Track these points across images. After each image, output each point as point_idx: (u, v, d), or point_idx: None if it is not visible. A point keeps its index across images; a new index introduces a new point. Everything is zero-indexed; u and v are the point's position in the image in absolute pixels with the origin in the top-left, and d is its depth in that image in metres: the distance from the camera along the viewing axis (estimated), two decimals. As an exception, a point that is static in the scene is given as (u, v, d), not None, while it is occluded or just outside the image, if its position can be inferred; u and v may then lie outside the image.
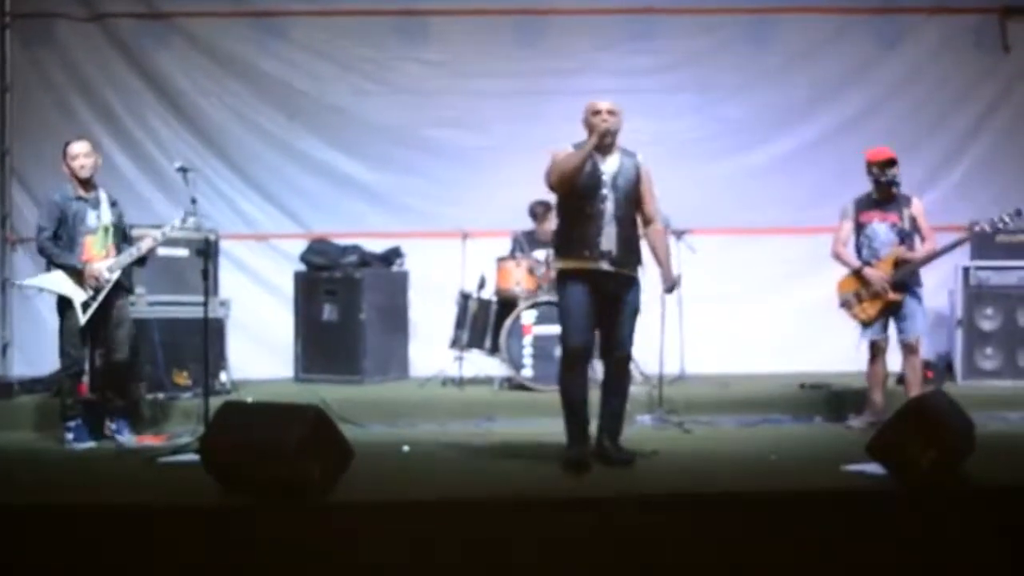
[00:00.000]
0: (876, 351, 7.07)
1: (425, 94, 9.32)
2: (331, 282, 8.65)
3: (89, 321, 6.70)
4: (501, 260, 8.35)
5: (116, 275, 6.75)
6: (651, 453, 6.11)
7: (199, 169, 7.78)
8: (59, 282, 6.69)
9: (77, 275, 6.68)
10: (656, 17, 9.35)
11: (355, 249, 8.79)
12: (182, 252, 7.88)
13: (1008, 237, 8.41)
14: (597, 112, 5.83)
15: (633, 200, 5.91)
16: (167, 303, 7.78)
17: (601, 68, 9.20)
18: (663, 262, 6.09)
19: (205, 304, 6.67)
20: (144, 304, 7.66)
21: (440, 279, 8.78)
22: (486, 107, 9.26)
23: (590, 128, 5.85)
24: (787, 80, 9.38)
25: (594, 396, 6.01)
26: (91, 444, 6.72)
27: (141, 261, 6.94)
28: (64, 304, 6.71)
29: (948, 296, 8.73)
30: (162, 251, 7.78)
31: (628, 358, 6.08)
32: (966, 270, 8.45)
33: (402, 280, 8.98)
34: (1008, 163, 9.35)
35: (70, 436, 6.71)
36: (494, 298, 8.31)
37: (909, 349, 7.03)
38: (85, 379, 7.07)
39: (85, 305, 6.68)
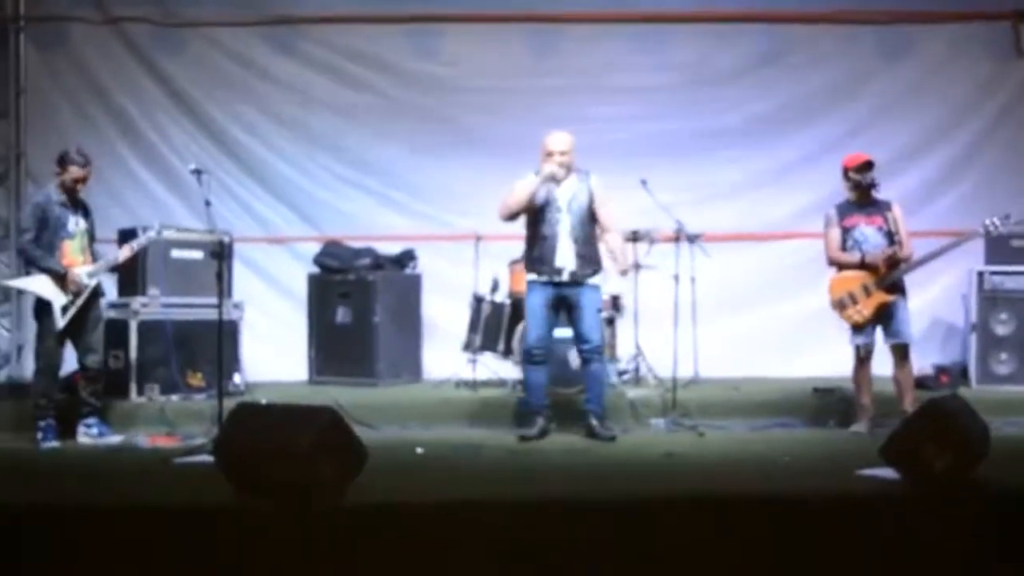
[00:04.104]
0: (864, 355, 7.01)
1: (438, 100, 9.34)
2: (344, 285, 8.66)
3: (67, 324, 6.80)
4: (514, 263, 8.33)
5: (96, 281, 6.89)
6: (665, 455, 6.16)
7: (213, 172, 7.82)
8: (42, 285, 6.79)
9: (59, 278, 6.78)
10: (665, 26, 9.35)
11: (368, 252, 8.80)
12: (196, 254, 7.92)
13: (1022, 242, 8.37)
14: (550, 154, 6.65)
15: (588, 219, 6.72)
16: (181, 305, 7.82)
17: (611, 76, 9.26)
18: (617, 256, 6.78)
19: (219, 306, 6.70)
20: (158, 306, 7.73)
21: (453, 282, 8.82)
22: (499, 113, 9.25)
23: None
24: (798, 86, 9.38)
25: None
26: (55, 444, 6.78)
27: (113, 268, 7.15)
28: (41, 307, 6.82)
29: (962, 301, 8.70)
30: (176, 253, 7.89)
31: (595, 350, 6.76)
32: (980, 275, 8.39)
33: (415, 283, 8.98)
34: (1021, 168, 9.32)
35: (39, 435, 6.78)
36: (507, 301, 8.30)
37: (901, 353, 6.95)
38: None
39: (64, 308, 6.77)
